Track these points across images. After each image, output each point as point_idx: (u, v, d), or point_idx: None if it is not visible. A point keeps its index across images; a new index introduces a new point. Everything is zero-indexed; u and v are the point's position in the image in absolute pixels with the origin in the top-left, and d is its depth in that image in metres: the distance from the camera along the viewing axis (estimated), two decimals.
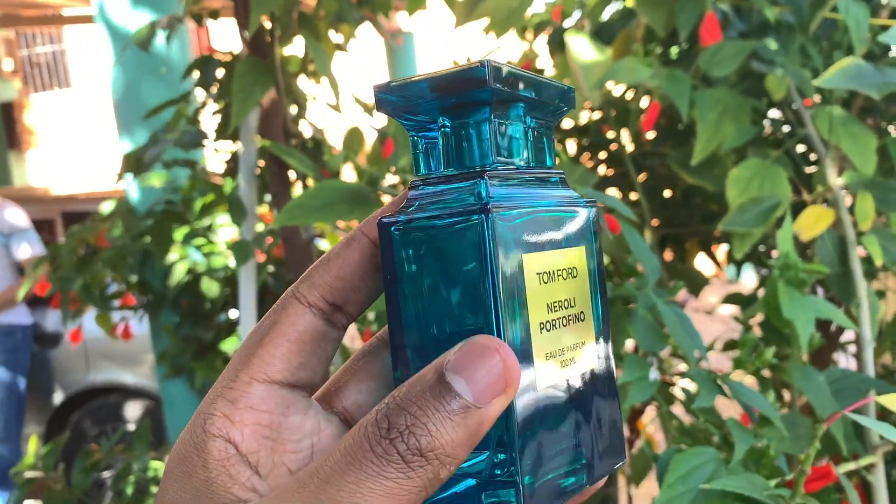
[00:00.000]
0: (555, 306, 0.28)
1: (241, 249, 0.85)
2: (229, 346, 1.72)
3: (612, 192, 1.34)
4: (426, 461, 0.23)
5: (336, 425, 0.29)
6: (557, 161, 1.18)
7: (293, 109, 1.12)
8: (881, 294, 1.16)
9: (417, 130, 0.29)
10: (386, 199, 0.95)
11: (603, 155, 1.38)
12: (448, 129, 0.28)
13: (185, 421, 1.97)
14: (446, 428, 0.23)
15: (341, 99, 0.94)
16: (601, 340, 0.30)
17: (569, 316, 0.28)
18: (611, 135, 1.33)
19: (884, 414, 0.86)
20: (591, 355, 0.29)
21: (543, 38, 1.52)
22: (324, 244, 1.59)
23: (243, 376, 0.28)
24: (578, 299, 0.29)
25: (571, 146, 1.41)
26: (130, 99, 1.94)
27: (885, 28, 0.89)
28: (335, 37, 1.25)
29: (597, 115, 1.36)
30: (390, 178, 1.13)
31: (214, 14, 0.92)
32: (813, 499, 0.54)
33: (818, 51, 1.08)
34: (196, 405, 2.06)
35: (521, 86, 0.28)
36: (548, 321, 0.27)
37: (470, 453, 0.24)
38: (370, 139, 1.21)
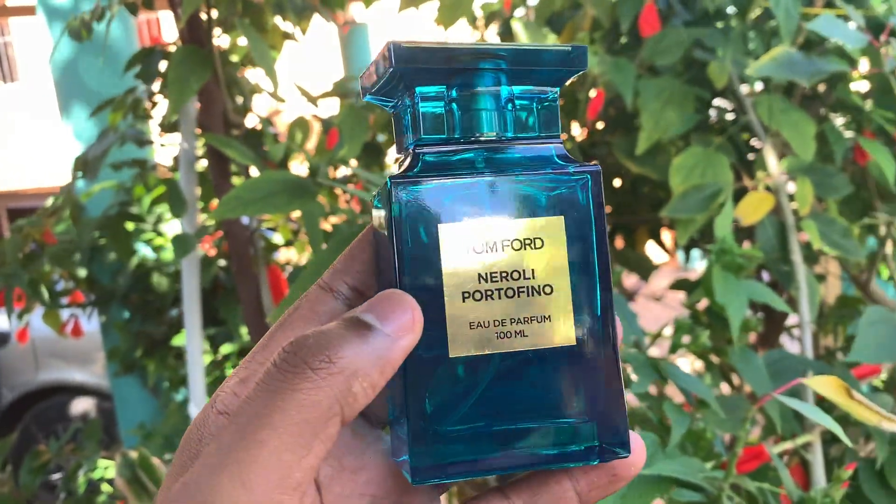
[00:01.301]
0: (492, 276, 0.28)
1: (181, 243, 0.84)
2: (181, 341, 1.69)
3: None
4: (336, 370, 0.24)
5: None
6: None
7: (239, 99, 1.11)
8: (822, 278, 1.18)
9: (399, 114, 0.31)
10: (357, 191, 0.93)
11: None
12: (397, 113, 0.31)
13: (138, 418, 1.95)
14: (352, 344, 0.25)
15: (281, 89, 0.93)
16: (583, 315, 0.29)
17: (519, 288, 0.28)
18: None
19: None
20: (557, 330, 0.28)
21: (495, 28, 1.52)
22: (277, 237, 1.57)
23: (258, 357, 0.29)
24: (542, 271, 0.28)
25: None
26: (72, 85, 1.90)
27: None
28: (286, 26, 1.23)
29: None
30: (343, 170, 1.12)
31: (149, 3, 0.91)
32: (747, 478, 0.55)
33: (759, 39, 1.09)
34: (149, 402, 2.04)
35: (446, 62, 0.28)
36: (477, 290, 0.28)
37: (384, 381, 0.25)
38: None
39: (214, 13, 0.93)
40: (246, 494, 0.23)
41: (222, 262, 1.65)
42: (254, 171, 0.95)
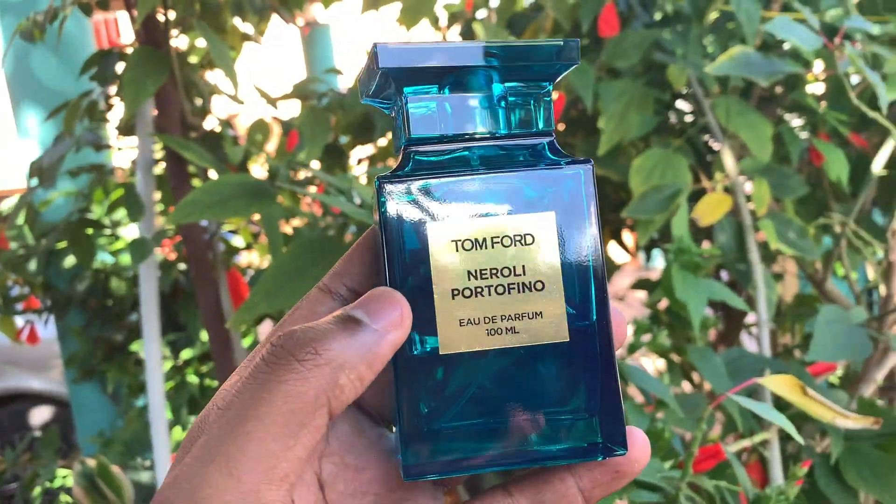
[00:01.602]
0: (482, 273, 0.28)
1: (138, 247, 0.82)
2: (141, 346, 1.67)
3: None
4: (322, 361, 0.25)
5: (350, 411, 0.30)
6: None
7: (197, 102, 1.09)
8: (779, 276, 1.20)
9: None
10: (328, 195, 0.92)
11: None
12: (393, 115, 0.31)
13: (97, 426, 1.91)
14: (339, 337, 0.25)
15: (241, 90, 0.92)
16: (577, 311, 0.29)
17: (509, 284, 0.28)
18: None
19: None
20: (550, 326, 0.28)
21: (457, 29, 1.52)
22: (238, 240, 1.56)
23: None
24: (532, 267, 0.28)
25: None
26: (25, 85, 1.85)
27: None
28: (246, 27, 1.22)
29: None
30: (305, 173, 1.11)
31: (104, 3, 0.89)
32: (705, 477, 0.55)
33: (716, 41, 1.10)
34: (108, 409, 2.00)
35: (435, 61, 0.29)
36: (467, 288, 0.28)
37: (373, 375, 0.26)
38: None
39: (172, 14, 0.92)
40: (233, 484, 0.23)
41: (182, 266, 1.63)
42: (213, 175, 0.94)
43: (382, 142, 1.37)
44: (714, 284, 0.74)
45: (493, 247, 0.28)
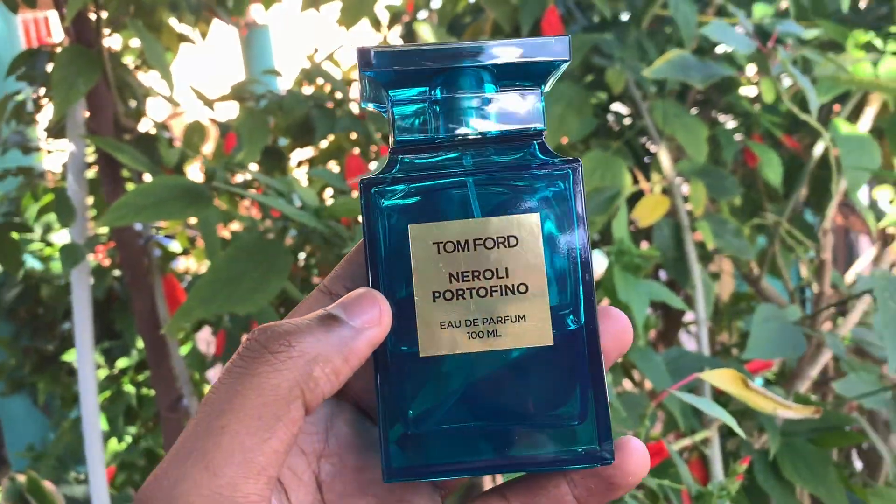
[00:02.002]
0: (464, 276, 0.28)
1: (69, 253, 0.79)
2: (74, 356, 1.61)
3: None
4: (296, 353, 0.25)
5: (349, 412, 0.30)
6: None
7: (132, 103, 1.06)
8: (716, 276, 1.23)
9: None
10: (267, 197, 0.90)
11: None
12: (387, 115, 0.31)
13: (28, 439, 1.84)
14: (315, 332, 0.25)
15: (178, 92, 0.89)
16: (563, 314, 0.28)
17: (492, 287, 0.28)
18: None
19: (721, 390, 0.90)
20: (533, 330, 0.28)
21: (398, 30, 1.51)
22: (174, 245, 1.52)
23: None
24: (516, 270, 0.28)
25: None
26: None
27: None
28: (183, 28, 1.19)
29: None
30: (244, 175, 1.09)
31: (31, 1, 0.86)
32: (647, 475, 0.56)
33: (653, 45, 1.12)
34: (40, 421, 1.93)
35: (419, 63, 0.28)
36: (448, 290, 0.28)
37: (349, 369, 0.26)
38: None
39: (104, 13, 0.89)
40: (209, 479, 0.23)
41: (118, 273, 1.58)
42: (148, 178, 0.91)
43: (324, 144, 1.36)
44: (654, 285, 0.75)
45: (475, 249, 0.28)
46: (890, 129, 0.98)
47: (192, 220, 1.14)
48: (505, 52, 0.28)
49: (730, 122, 1.18)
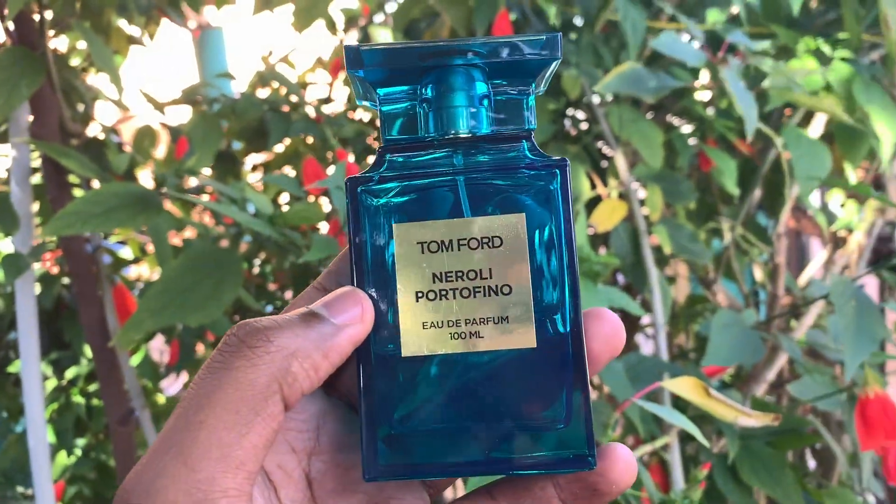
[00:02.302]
0: (447, 276, 0.28)
1: (13, 263, 0.77)
2: (18, 367, 1.56)
3: None
4: (273, 349, 0.25)
5: (341, 410, 0.30)
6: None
7: (79, 107, 1.03)
8: (672, 280, 1.24)
9: None
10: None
11: None
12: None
13: None
14: (295, 328, 0.26)
15: (127, 96, 0.87)
16: (547, 316, 0.27)
17: (475, 288, 0.28)
18: None
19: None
20: (516, 331, 0.27)
21: (354, 33, 1.50)
22: (126, 251, 1.48)
23: None
24: (500, 271, 0.28)
25: None
26: None
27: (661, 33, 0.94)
28: (132, 29, 1.16)
29: None
30: (196, 181, 1.07)
31: None
32: None
33: (608, 50, 1.13)
34: None
35: (405, 61, 0.28)
36: (431, 290, 0.28)
37: (329, 365, 0.26)
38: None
39: (49, 13, 0.86)
40: (188, 474, 0.23)
41: (66, 281, 1.54)
42: (97, 185, 0.89)
43: (280, 148, 1.34)
44: (613, 291, 0.75)
45: (459, 249, 0.28)
46: (840, 133, 1.00)
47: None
48: (495, 49, 0.28)
49: (685, 127, 1.19)
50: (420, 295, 0.28)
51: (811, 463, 1.14)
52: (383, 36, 1.19)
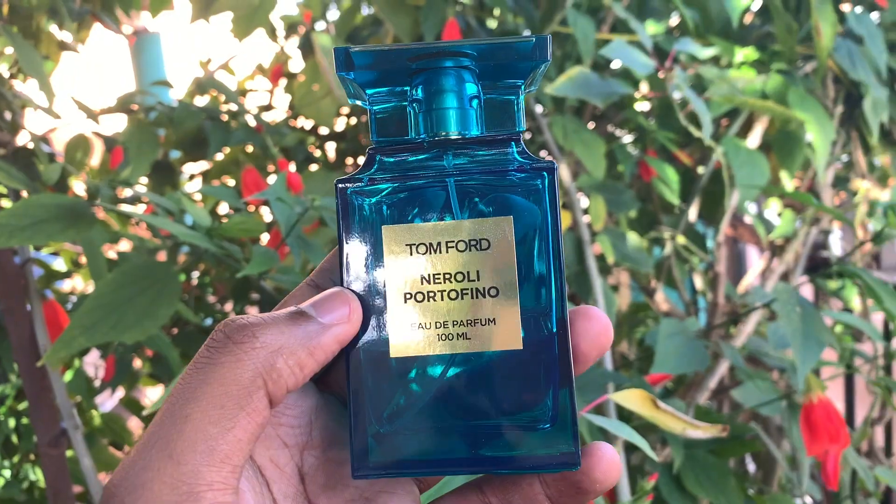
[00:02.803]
0: (435, 278, 0.28)
1: None
2: None
3: None
4: (258, 345, 0.25)
5: (334, 406, 0.30)
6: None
7: (7, 115, 0.99)
8: (615, 288, 1.25)
9: None
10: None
11: (363, 160, 1.37)
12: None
13: None
14: (281, 325, 0.26)
15: (57, 103, 0.84)
16: (534, 318, 0.28)
17: (462, 290, 0.28)
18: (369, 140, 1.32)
19: None
20: (502, 333, 0.28)
21: (295, 41, 1.48)
22: (59, 263, 1.43)
23: None
24: (488, 273, 0.28)
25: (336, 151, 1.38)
26: None
27: (608, 42, 0.95)
28: (64, 35, 1.12)
29: (354, 120, 1.35)
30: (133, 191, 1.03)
31: None
32: None
33: (553, 60, 1.13)
34: None
35: (392, 63, 0.28)
36: (419, 292, 0.28)
37: (315, 363, 0.26)
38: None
39: None
40: (173, 467, 0.24)
41: None
42: (26, 196, 0.85)
43: (219, 156, 1.31)
44: None
45: (447, 251, 0.28)
46: (777, 143, 1.03)
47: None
48: (484, 51, 0.28)
49: (626, 137, 1.21)
50: (408, 296, 0.28)
51: (751, 467, 1.17)
52: (325, 44, 1.18)
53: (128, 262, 0.64)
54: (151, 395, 1.57)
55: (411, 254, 0.28)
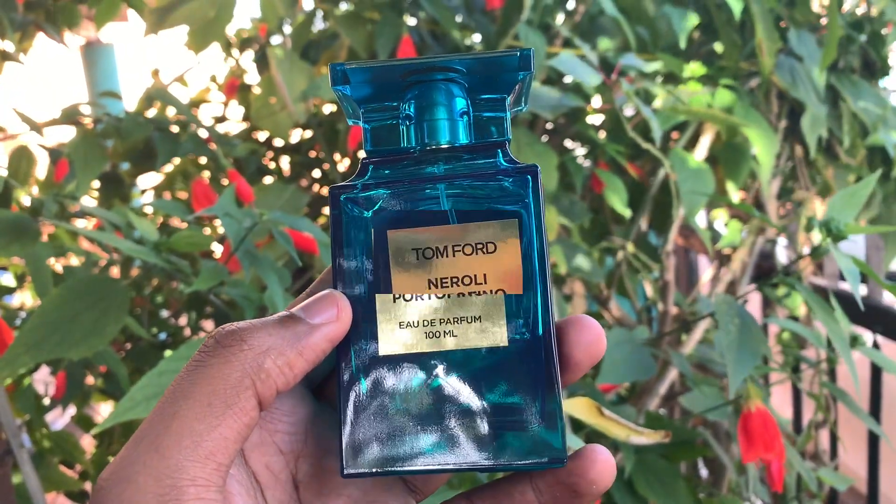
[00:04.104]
0: (441, 282, 0.29)
1: None
2: None
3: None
4: (246, 347, 0.26)
5: (330, 414, 0.31)
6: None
7: None
8: (568, 298, 1.27)
9: None
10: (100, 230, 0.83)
11: (317, 174, 1.36)
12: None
13: None
14: (269, 327, 0.27)
15: (1, 115, 0.82)
16: (519, 317, 0.28)
17: (467, 293, 0.29)
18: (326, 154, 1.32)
19: None
20: (488, 331, 0.29)
21: (251, 54, 1.48)
22: (7, 277, 1.40)
23: None
24: (494, 277, 0.29)
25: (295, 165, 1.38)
26: None
27: (556, 55, 0.97)
28: (6, 45, 1.10)
29: (309, 133, 1.35)
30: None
31: None
32: None
33: None
34: None
35: (384, 78, 0.30)
36: (409, 293, 0.29)
37: (304, 363, 0.27)
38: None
39: None
40: (159, 460, 0.24)
41: None
42: None
43: (168, 168, 1.30)
44: None
45: (446, 256, 0.29)
46: (723, 156, 1.05)
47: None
48: (472, 65, 0.30)
49: (578, 150, 1.22)
50: (397, 297, 0.29)
51: (704, 471, 1.18)
52: (281, 56, 1.18)
53: (74, 278, 0.63)
54: (105, 411, 1.55)
55: (417, 258, 0.29)
